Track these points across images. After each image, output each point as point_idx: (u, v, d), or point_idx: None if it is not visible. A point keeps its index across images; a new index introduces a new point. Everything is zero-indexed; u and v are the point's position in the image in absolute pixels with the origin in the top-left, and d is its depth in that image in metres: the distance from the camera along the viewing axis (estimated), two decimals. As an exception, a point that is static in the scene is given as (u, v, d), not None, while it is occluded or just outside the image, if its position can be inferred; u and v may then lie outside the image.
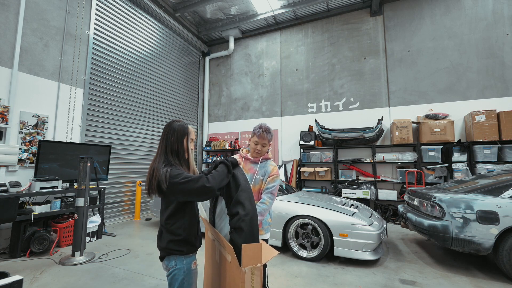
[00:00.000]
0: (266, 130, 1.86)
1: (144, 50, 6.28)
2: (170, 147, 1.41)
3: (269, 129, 1.89)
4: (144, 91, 6.24)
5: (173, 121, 1.49)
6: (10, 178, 3.70)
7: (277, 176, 1.92)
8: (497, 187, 2.92)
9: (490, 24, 5.44)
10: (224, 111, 8.27)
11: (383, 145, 5.90)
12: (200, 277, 2.12)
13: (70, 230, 3.89)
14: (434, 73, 5.77)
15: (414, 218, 3.32)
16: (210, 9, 7.15)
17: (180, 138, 1.44)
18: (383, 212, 5.54)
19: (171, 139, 1.42)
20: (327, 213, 3.28)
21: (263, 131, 1.85)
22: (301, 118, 7.03)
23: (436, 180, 5.23)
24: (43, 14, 4.24)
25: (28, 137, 3.95)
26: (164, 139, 1.44)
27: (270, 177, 1.89)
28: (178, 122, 1.49)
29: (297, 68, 7.25)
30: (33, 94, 4.07)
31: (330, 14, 6.90)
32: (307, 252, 3.35)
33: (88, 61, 4.92)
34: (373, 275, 2.91)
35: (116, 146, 5.44)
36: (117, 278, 2.82)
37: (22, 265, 3.11)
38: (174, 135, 1.43)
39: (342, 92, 6.61)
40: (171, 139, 1.42)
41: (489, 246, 2.72)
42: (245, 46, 8.11)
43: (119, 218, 5.56)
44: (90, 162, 3.55)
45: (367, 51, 6.44)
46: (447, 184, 3.80)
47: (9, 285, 1.28)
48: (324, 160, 6.30)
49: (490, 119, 4.83)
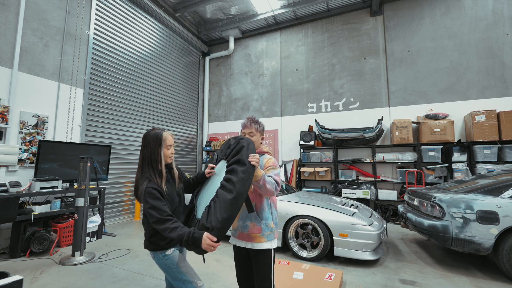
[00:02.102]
0: (251, 120, 1.81)
1: (144, 50, 6.28)
2: (147, 160, 1.49)
3: (255, 119, 1.83)
4: (144, 91, 6.24)
5: (148, 131, 1.55)
6: (10, 178, 3.70)
7: (274, 167, 1.67)
8: (497, 187, 2.92)
9: (490, 24, 5.44)
10: (224, 111, 8.27)
11: (383, 145, 5.90)
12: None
13: (70, 230, 3.89)
14: (434, 73, 5.77)
15: (414, 218, 3.32)
16: (210, 9, 7.15)
17: (154, 148, 1.50)
18: (383, 212, 5.54)
19: (146, 151, 1.50)
20: (327, 213, 3.28)
21: (248, 121, 1.80)
22: (301, 118, 7.03)
23: (436, 180, 5.23)
24: (43, 14, 4.24)
25: (28, 137, 3.95)
26: (142, 151, 1.52)
27: (265, 169, 1.66)
28: (153, 131, 1.53)
29: (297, 68, 7.25)
30: (33, 94, 4.07)
31: (330, 14, 6.90)
32: (307, 252, 3.35)
33: (88, 61, 4.92)
34: (373, 275, 2.91)
35: (116, 146, 5.45)
36: (117, 278, 2.82)
37: (22, 265, 3.11)
38: (149, 146, 1.50)
39: (342, 92, 6.61)
40: (146, 151, 1.50)
41: (489, 246, 2.72)
42: (245, 46, 8.11)
43: (119, 218, 5.56)
44: (90, 162, 3.55)
45: (367, 51, 6.44)
46: (447, 184, 3.80)
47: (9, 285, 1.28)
48: (324, 160, 6.30)
49: (490, 119, 4.83)
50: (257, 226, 1.60)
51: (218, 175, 1.60)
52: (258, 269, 1.60)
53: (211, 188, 1.55)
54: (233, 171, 1.40)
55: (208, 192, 1.56)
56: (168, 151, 1.55)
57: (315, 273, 2.58)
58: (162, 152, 1.51)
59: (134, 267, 3.12)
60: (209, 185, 1.63)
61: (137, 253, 3.57)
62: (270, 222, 1.64)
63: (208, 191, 1.57)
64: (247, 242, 1.62)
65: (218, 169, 1.66)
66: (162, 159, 1.51)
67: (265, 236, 1.60)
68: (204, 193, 1.61)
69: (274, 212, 1.71)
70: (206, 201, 1.49)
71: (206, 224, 1.28)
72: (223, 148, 1.75)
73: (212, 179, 1.66)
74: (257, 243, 1.59)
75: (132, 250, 3.70)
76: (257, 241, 1.59)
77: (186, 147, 7.78)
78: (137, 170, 1.52)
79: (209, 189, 1.58)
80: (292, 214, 3.44)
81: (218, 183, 1.48)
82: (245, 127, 1.80)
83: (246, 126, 1.80)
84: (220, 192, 1.36)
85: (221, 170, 1.60)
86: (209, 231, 1.25)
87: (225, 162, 1.60)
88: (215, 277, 2.85)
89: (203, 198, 1.58)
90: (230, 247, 3.69)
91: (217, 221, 1.25)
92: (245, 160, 1.41)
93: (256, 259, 1.61)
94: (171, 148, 1.57)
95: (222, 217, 1.25)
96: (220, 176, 1.54)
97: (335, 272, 2.58)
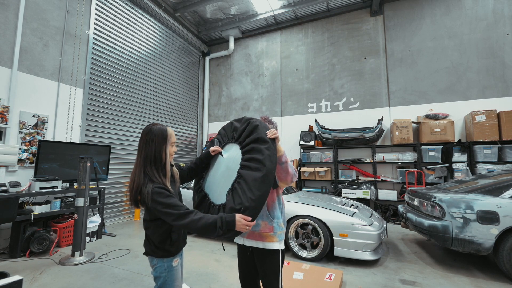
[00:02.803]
0: (265, 119, 1.78)
1: (144, 50, 6.28)
2: (150, 158, 1.34)
3: (268, 118, 1.80)
4: (144, 91, 6.24)
5: (150, 127, 1.39)
6: (10, 178, 3.70)
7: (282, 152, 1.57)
8: (497, 187, 2.91)
9: (490, 24, 5.44)
10: (224, 111, 8.27)
11: (383, 145, 5.90)
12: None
13: (70, 230, 3.89)
14: (434, 73, 5.77)
15: (414, 218, 3.31)
16: (210, 9, 7.15)
17: (159, 145, 1.36)
18: (383, 212, 5.53)
19: (150, 149, 1.35)
20: (327, 213, 3.28)
21: (262, 120, 1.74)
22: (301, 118, 7.03)
23: (436, 180, 5.23)
24: (43, 14, 4.24)
25: (28, 137, 3.94)
26: (143, 149, 1.36)
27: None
28: (156, 127, 1.39)
29: (297, 68, 7.25)
30: (33, 94, 4.07)
31: (330, 14, 6.90)
32: (307, 252, 3.35)
33: (88, 61, 4.92)
34: (373, 275, 2.90)
35: (116, 146, 5.44)
36: (117, 278, 2.82)
37: (22, 265, 3.11)
38: (153, 144, 1.35)
39: (342, 92, 6.61)
40: (150, 149, 1.35)
41: (489, 246, 2.72)
42: (245, 46, 8.11)
43: (119, 218, 5.56)
44: (90, 162, 3.54)
45: (367, 51, 6.43)
46: (447, 184, 3.80)
47: (9, 285, 1.28)
48: (324, 160, 6.30)
49: (490, 119, 4.82)
50: (269, 225, 1.55)
51: (228, 158, 1.55)
52: (267, 270, 1.55)
53: (225, 173, 1.51)
54: (254, 150, 1.38)
55: (220, 177, 1.52)
56: (172, 149, 1.43)
57: (315, 273, 2.58)
58: (168, 150, 1.39)
59: (134, 267, 3.12)
60: (217, 170, 1.58)
61: (137, 253, 3.57)
62: (281, 222, 1.60)
63: (220, 176, 1.52)
64: (258, 242, 1.55)
65: (227, 152, 1.61)
66: (167, 157, 1.39)
67: (277, 236, 1.55)
68: (215, 179, 1.56)
69: (283, 212, 1.68)
70: (223, 186, 1.45)
71: (236, 206, 1.27)
72: (226, 131, 1.70)
73: (218, 163, 1.61)
74: (269, 242, 1.53)
75: (132, 250, 3.69)
76: (269, 240, 1.53)
77: (186, 147, 7.78)
78: (135, 171, 1.35)
79: (220, 174, 1.54)
80: (292, 214, 3.44)
81: (234, 165, 1.45)
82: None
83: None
84: (245, 173, 1.34)
85: (231, 153, 1.55)
86: (241, 212, 1.24)
87: (235, 145, 1.56)
88: (215, 277, 2.85)
89: (215, 183, 1.54)
90: (230, 247, 3.69)
91: (251, 200, 1.24)
92: (265, 137, 1.40)
93: (265, 259, 1.55)
94: (174, 145, 1.46)
95: (256, 195, 1.25)
96: (233, 159, 1.50)
97: (335, 272, 2.58)
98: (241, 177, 1.35)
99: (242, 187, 1.31)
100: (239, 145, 1.52)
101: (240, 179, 1.36)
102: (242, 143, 1.50)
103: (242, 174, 1.36)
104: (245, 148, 1.45)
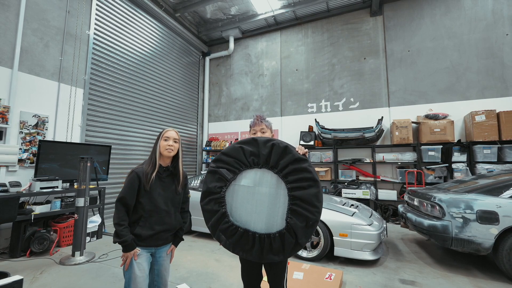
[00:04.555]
0: (260, 117, 1.81)
1: (144, 50, 6.28)
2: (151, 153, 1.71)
3: (262, 116, 1.83)
4: (144, 91, 6.24)
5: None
6: (10, 178, 3.70)
7: None
8: (497, 187, 2.92)
9: (489, 24, 5.45)
10: (224, 111, 8.28)
11: (383, 145, 5.91)
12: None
13: (70, 230, 3.89)
14: (434, 73, 5.77)
15: (414, 218, 3.32)
16: (210, 9, 7.16)
17: (156, 141, 1.68)
18: (383, 212, 5.54)
19: (153, 146, 1.70)
20: (327, 213, 3.28)
21: (258, 118, 1.80)
22: (301, 118, 7.04)
23: (436, 180, 5.23)
24: (43, 14, 4.24)
25: (28, 137, 3.95)
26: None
27: None
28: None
29: (297, 68, 7.26)
30: (33, 94, 4.07)
31: (330, 14, 6.91)
32: (307, 252, 3.35)
33: (88, 61, 4.92)
34: (373, 275, 2.91)
35: (116, 146, 5.44)
36: (117, 278, 2.82)
37: (22, 265, 3.11)
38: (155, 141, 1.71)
39: (342, 92, 6.61)
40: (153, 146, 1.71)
41: (489, 246, 2.72)
42: (245, 46, 8.11)
43: (119, 218, 5.55)
44: (90, 162, 3.55)
45: (367, 51, 6.44)
46: (447, 184, 3.80)
47: (9, 285, 1.29)
48: (324, 160, 6.30)
49: (490, 119, 4.83)
50: None
51: (260, 185, 1.47)
52: (275, 271, 1.57)
53: (263, 200, 1.44)
54: (297, 171, 1.39)
55: (258, 205, 1.44)
56: (164, 143, 1.63)
57: (315, 273, 2.59)
58: (159, 143, 1.64)
59: (134, 267, 3.12)
60: (246, 201, 1.47)
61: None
62: None
63: (257, 205, 1.44)
64: None
65: (249, 179, 1.50)
66: (157, 148, 1.64)
67: None
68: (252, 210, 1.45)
69: None
70: (268, 213, 1.40)
71: (304, 224, 1.35)
72: (236, 158, 1.51)
73: (243, 194, 1.49)
74: None
75: (132, 250, 3.69)
76: None
77: (186, 147, 7.79)
78: None
79: (256, 203, 1.45)
80: (292, 214, 3.43)
81: (273, 190, 1.42)
82: (256, 125, 1.80)
83: (256, 124, 1.80)
84: (300, 193, 1.37)
85: (261, 179, 1.47)
86: (311, 226, 1.35)
87: (262, 170, 1.48)
88: (215, 277, 2.85)
89: (254, 214, 1.44)
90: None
91: (317, 213, 1.36)
92: (301, 156, 1.41)
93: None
94: (169, 140, 1.64)
95: (320, 207, 1.36)
96: (267, 184, 1.44)
97: (335, 272, 2.58)
98: (296, 198, 1.36)
99: (302, 205, 1.34)
100: (272, 170, 1.45)
101: (295, 200, 1.36)
102: (275, 167, 1.44)
103: (297, 195, 1.36)
104: (284, 171, 1.41)
